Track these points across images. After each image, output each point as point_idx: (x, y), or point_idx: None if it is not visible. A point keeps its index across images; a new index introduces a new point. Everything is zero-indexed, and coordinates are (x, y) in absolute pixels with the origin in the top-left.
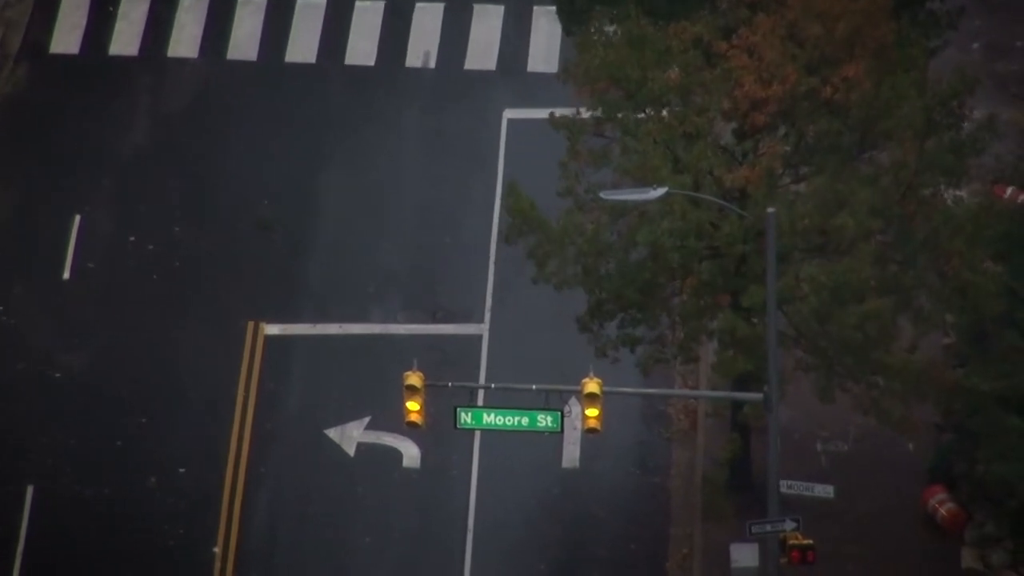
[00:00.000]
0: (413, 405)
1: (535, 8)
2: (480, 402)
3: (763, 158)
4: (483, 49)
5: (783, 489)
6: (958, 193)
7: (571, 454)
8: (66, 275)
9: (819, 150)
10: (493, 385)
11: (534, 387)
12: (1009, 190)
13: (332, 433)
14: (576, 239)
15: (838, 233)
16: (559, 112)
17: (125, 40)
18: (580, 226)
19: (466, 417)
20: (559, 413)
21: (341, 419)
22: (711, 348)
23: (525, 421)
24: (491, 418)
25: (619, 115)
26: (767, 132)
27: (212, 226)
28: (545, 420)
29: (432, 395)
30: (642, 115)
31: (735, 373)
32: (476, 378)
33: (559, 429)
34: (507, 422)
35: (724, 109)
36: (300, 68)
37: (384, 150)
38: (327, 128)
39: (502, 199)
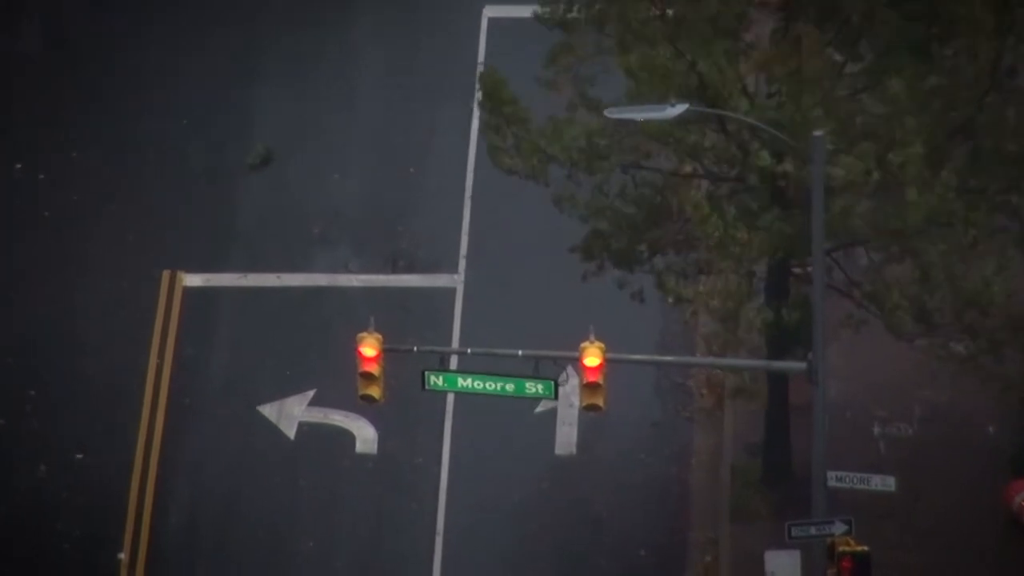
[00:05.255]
0: (369, 376)
1: None
2: None
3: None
4: None
5: (831, 482)
6: None
7: (566, 437)
8: None
9: (875, 46)
10: (469, 350)
11: (520, 353)
12: None
13: (267, 410)
14: (565, 140)
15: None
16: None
17: None
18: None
19: (436, 380)
20: (552, 382)
21: (278, 393)
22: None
23: (511, 387)
24: (467, 382)
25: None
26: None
27: (119, 152)
28: (535, 387)
29: (393, 363)
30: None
31: (768, 252)
32: (448, 342)
33: (553, 396)
34: (488, 387)
35: None
36: None
37: (334, 57)
38: (262, 28)
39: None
